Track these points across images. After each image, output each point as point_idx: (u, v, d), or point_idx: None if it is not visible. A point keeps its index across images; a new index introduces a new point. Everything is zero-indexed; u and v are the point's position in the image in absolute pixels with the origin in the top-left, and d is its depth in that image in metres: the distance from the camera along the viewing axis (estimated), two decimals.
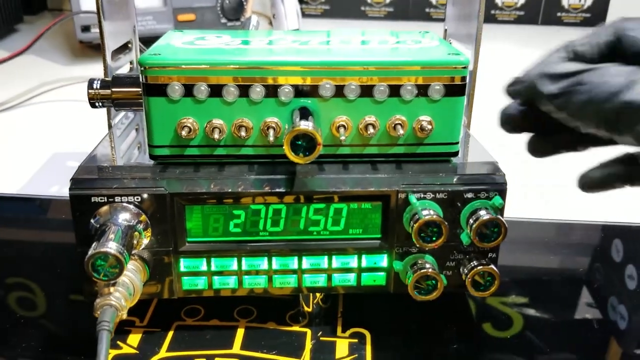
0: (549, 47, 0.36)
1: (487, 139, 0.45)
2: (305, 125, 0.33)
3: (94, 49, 1.05)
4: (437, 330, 0.40)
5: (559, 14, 1.41)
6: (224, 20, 1.01)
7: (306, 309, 0.41)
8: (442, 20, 0.54)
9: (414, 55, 0.38)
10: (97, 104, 0.41)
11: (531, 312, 0.42)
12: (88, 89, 0.41)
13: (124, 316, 0.33)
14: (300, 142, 0.33)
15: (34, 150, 0.68)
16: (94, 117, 0.46)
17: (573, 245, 0.53)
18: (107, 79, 0.41)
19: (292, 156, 0.34)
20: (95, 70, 0.91)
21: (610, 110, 0.31)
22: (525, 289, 0.45)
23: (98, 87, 0.40)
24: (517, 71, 0.37)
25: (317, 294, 0.42)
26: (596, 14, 1.41)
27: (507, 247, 0.48)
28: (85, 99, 0.41)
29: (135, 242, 0.34)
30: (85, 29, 0.91)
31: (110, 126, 0.46)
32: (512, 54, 1.22)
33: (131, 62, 0.53)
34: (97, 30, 0.44)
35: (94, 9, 0.43)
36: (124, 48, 0.52)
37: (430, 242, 0.35)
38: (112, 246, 0.32)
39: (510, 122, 0.38)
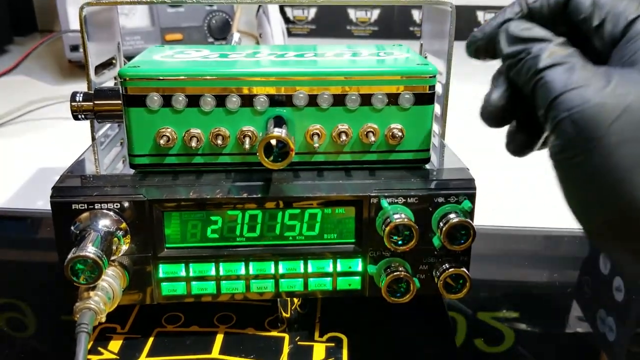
0: None
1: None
2: (278, 132, 0.34)
3: (83, 68, 1.06)
4: (412, 333, 0.41)
5: None
6: (210, 40, 1.03)
7: (284, 314, 0.42)
8: None
9: (384, 65, 0.39)
10: (79, 117, 0.42)
11: (513, 321, 0.43)
12: (71, 101, 0.42)
13: (103, 319, 0.34)
14: (273, 149, 0.35)
15: (20, 166, 0.69)
16: (81, 134, 0.47)
17: (558, 255, 0.54)
18: (89, 92, 0.42)
19: (265, 162, 0.35)
20: (83, 88, 0.92)
21: (527, 85, 0.30)
22: (504, 297, 0.46)
23: (80, 99, 0.42)
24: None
25: (296, 300, 0.42)
26: None
27: (489, 258, 0.50)
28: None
29: (114, 247, 0.35)
30: (74, 48, 0.93)
31: (93, 138, 0.47)
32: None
33: (115, 78, 0.55)
34: (84, 61, 0.46)
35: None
36: (109, 64, 0.53)
37: (402, 245, 0.36)
38: (90, 250, 0.33)
39: (494, 115, 0.32)
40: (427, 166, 0.40)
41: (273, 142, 0.34)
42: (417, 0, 0.49)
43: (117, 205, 0.36)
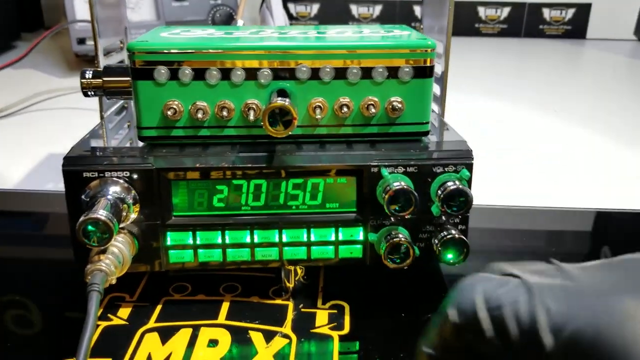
0: (531, 58, 0.36)
1: None
2: (282, 100, 0.35)
3: (89, 63, 1.08)
4: (411, 301, 0.42)
5: (541, 27, 1.45)
6: None
7: (288, 284, 0.43)
8: None
9: (385, 40, 0.41)
10: (89, 93, 0.43)
11: None
12: (81, 78, 0.43)
13: (114, 281, 0.35)
14: (277, 117, 0.36)
15: (29, 152, 0.71)
16: (88, 123, 0.48)
17: (560, 252, 0.55)
18: (98, 69, 0.44)
19: (269, 130, 0.36)
20: None
21: None
22: None
23: (90, 76, 0.43)
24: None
25: (299, 271, 0.44)
26: (577, 26, 1.46)
27: (488, 257, 0.50)
28: (80, 107, 0.43)
29: (124, 214, 0.36)
30: (81, 41, 0.94)
31: (102, 117, 0.48)
32: (497, 65, 1.25)
33: (122, 61, 0.56)
34: (93, 42, 0.47)
35: (89, 17, 0.46)
36: (117, 47, 0.55)
37: (401, 211, 0.37)
38: (102, 213, 0.34)
39: None
40: (426, 139, 0.42)
41: (277, 110, 0.36)
42: None
43: (126, 174, 0.37)
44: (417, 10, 1.41)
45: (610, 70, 1.24)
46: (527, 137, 0.80)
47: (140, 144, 0.41)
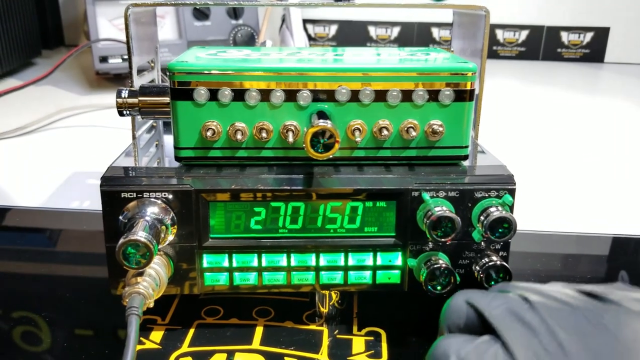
0: (550, 81, 0.36)
1: None
2: (324, 123, 0.35)
3: (110, 81, 1.08)
4: None
5: (559, 50, 1.45)
6: None
7: (322, 309, 0.42)
8: None
9: (425, 63, 0.40)
10: (124, 112, 0.43)
11: None
12: (117, 97, 0.43)
13: (151, 305, 0.35)
14: (320, 139, 0.35)
15: (54, 170, 0.71)
16: (111, 141, 0.48)
17: (576, 274, 0.54)
18: (134, 88, 0.43)
19: (311, 152, 0.35)
20: (110, 99, 0.94)
21: None
22: None
23: (126, 96, 0.43)
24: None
25: (334, 296, 0.43)
26: (595, 50, 1.46)
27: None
28: (103, 124, 0.43)
29: (162, 236, 0.36)
30: (103, 59, 0.95)
31: (134, 137, 0.48)
32: (516, 89, 1.25)
33: (152, 81, 0.56)
34: (115, 60, 0.47)
35: (112, 36, 0.46)
36: (147, 67, 0.54)
37: (443, 237, 0.37)
38: (141, 234, 0.33)
39: None
40: (465, 163, 0.41)
41: (321, 132, 0.35)
42: (451, 4, 0.50)
43: (164, 195, 0.37)
44: (435, 32, 1.41)
45: (628, 93, 1.23)
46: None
47: (168, 164, 0.40)
